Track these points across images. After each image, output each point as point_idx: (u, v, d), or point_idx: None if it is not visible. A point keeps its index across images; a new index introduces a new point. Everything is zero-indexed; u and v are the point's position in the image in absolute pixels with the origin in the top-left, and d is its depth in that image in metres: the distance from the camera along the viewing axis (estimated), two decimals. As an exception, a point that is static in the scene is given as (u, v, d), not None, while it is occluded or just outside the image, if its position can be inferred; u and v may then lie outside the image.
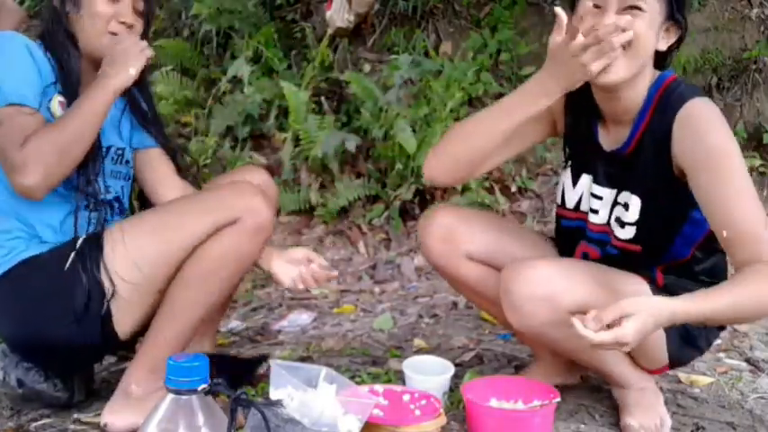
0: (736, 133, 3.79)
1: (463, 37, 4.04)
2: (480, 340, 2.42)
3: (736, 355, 2.27)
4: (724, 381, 2.04)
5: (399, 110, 3.49)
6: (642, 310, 1.43)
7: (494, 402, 1.73)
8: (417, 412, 1.68)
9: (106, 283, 1.66)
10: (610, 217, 1.74)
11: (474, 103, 3.80)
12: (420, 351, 2.32)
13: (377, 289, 3.01)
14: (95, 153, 1.73)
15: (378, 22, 4.13)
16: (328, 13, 3.89)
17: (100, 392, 1.89)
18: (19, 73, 1.67)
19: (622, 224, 1.70)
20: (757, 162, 3.74)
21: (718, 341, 2.13)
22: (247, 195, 1.72)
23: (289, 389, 1.57)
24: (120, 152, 1.85)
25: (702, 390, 1.99)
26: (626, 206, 1.69)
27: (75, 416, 1.80)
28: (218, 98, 3.90)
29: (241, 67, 3.81)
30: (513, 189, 3.59)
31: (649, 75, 1.66)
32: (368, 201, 3.50)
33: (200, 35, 4.19)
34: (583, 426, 1.78)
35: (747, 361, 2.20)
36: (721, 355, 2.25)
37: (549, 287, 1.62)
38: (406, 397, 1.74)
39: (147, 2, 1.82)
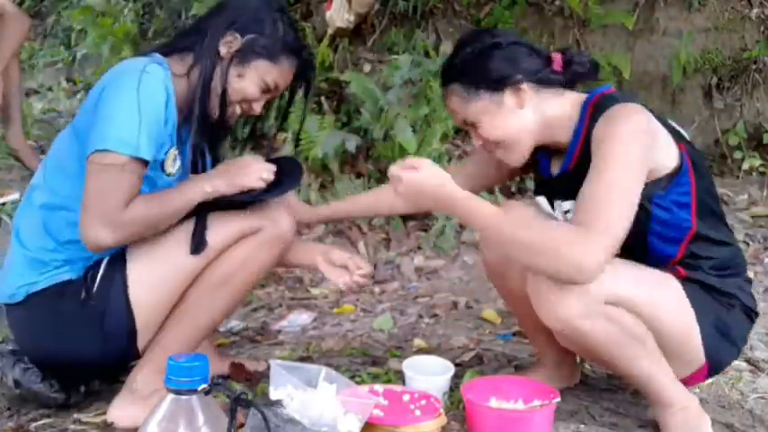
0: (735, 133, 3.81)
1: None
2: (480, 340, 2.42)
3: (736, 355, 2.27)
4: (724, 381, 2.04)
5: (399, 110, 3.49)
6: (432, 170, 1.59)
7: (494, 402, 1.73)
8: (417, 412, 1.68)
9: (133, 304, 1.68)
10: None
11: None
12: (420, 351, 2.32)
13: (377, 289, 3.01)
14: None
15: (378, 22, 4.12)
16: (328, 13, 3.89)
17: (100, 392, 1.89)
18: (152, 125, 1.64)
19: None
20: (757, 162, 3.75)
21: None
22: (270, 206, 1.78)
23: (289, 388, 1.57)
24: None
25: (702, 390, 1.99)
26: (567, 212, 1.72)
27: (76, 416, 1.79)
28: (218, 98, 3.89)
29: (241, 67, 3.81)
30: (513, 189, 3.59)
31: (567, 103, 1.72)
32: (368, 201, 3.50)
33: (200, 35, 4.19)
34: (583, 426, 1.78)
35: (747, 361, 2.20)
36: (721, 355, 2.25)
37: None
38: (406, 397, 1.74)
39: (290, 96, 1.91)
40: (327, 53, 3.89)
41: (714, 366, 1.74)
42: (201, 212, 1.72)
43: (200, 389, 1.11)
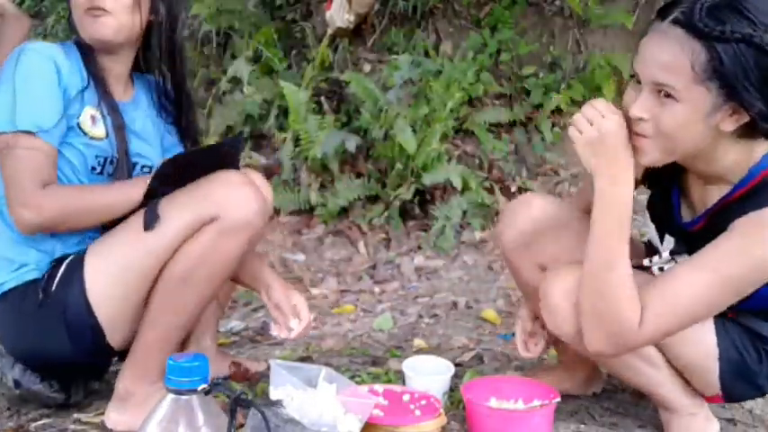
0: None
1: (463, 37, 4.04)
2: (480, 340, 2.42)
3: (736, 355, 2.26)
4: (724, 381, 2.04)
5: (399, 110, 3.49)
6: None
7: (494, 402, 1.72)
8: (417, 412, 1.68)
9: (92, 300, 1.64)
10: None
11: (474, 102, 3.80)
12: (420, 351, 2.32)
13: (377, 289, 3.01)
14: (124, 169, 1.73)
15: (378, 22, 4.13)
16: (328, 13, 3.89)
17: (100, 392, 1.88)
18: (38, 94, 1.63)
19: None
20: (757, 162, 3.74)
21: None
22: (230, 187, 1.62)
23: (288, 388, 1.57)
24: (147, 170, 1.82)
25: (702, 390, 1.99)
26: None
27: (76, 416, 1.79)
28: (218, 98, 3.90)
29: (241, 67, 3.81)
30: (513, 189, 3.59)
31: (743, 154, 1.45)
32: (368, 201, 3.50)
33: (200, 35, 4.20)
34: (583, 426, 1.78)
35: (747, 361, 2.20)
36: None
37: None
38: (406, 397, 1.74)
39: None
40: (327, 53, 3.89)
41: (730, 399, 1.68)
42: (154, 196, 1.65)
43: (200, 389, 1.11)
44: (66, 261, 1.68)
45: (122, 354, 1.74)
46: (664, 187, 1.63)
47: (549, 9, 4.05)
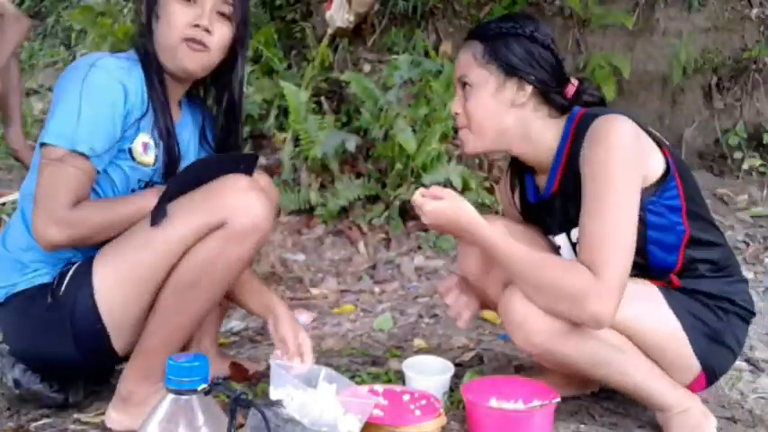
0: (735, 134, 3.81)
1: (463, 37, 4.04)
2: (480, 340, 2.42)
3: (737, 355, 2.27)
4: (724, 380, 2.03)
5: (399, 110, 3.49)
6: (456, 201, 1.63)
7: (494, 402, 1.72)
8: (417, 412, 1.68)
9: (99, 305, 1.64)
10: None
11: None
12: (420, 351, 2.32)
13: (377, 289, 3.01)
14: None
15: (378, 22, 4.13)
16: (328, 13, 3.89)
17: (100, 392, 1.89)
18: (100, 119, 1.62)
19: None
20: (757, 162, 3.75)
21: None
22: (238, 192, 1.62)
23: (288, 388, 1.57)
24: None
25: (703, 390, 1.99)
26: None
27: (76, 416, 1.79)
28: (219, 98, 3.90)
29: (241, 67, 3.81)
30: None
31: (554, 125, 1.72)
32: (368, 201, 3.50)
33: (200, 35, 4.19)
34: (583, 426, 1.78)
35: (747, 361, 2.20)
36: (721, 355, 2.25)
37: None
38: (406, 397, 1.74)
39: (236, 4, 1.72)
40: (327, 53, 3.89)
41: (712, 373, 1.72)
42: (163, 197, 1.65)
43: (200, 389, 1.11)
44: (75, 265, 1.68)
45: (125, 357, 1.74)
46: (519, 176, 1.87)
47: (549, 9, 4.05)
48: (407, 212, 3.45)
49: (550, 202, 1.76)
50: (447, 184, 3.41)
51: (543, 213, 1.80)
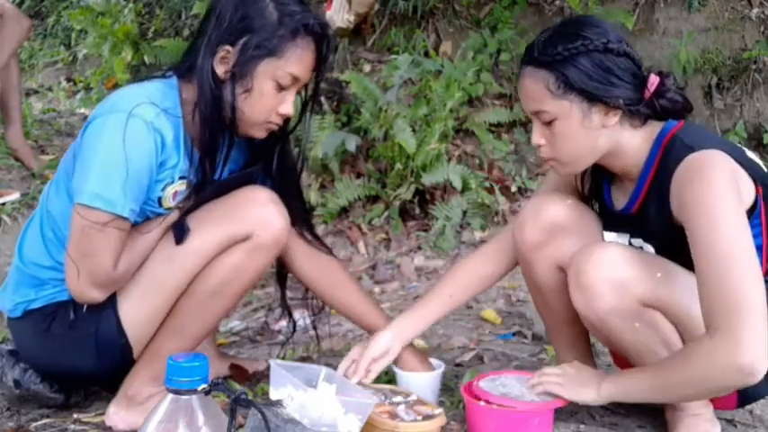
0: (735, 134, 3.81)
1: (463, 37, 4.04)
2: (480, 340, 2.42)
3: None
4: (724, 381, 2.04)
5: (399, 110, 3.49)
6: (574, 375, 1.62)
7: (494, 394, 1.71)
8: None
9: (123, 320, 1.64)
10: None
11: (474, 102, 3.80)
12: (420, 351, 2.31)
13: (377, 289, 3.01)
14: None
15: (378, 22, 4.13)
16: (328, 14, 3.89)
17: (100, 392, 1.89)
18: (138, 175, 1.55)
19: None
20: (757, 162, 3.74)
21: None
22: (260, 205, 1.65)
23: (289, 388, 1.57)
24: None
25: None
26: (641, 249, 1.66)
27: (76, 416, 1.79)
28: (218, 98, 3.90)
29: (241, 67, 3.81)
30: (513, 189, 3.59)
31: (641, 137, 1.60)
32: (368, 201, 3.50)
33: (200, 35, 4.20)
34: (583, 426, 1.78)
35: (747, 361, 2.20)
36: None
37: (621, 272, 1.55)
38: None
39: (316, 85, 1.71)
40: (327, 53, 3.89)
41: (744, 398, 1.68)
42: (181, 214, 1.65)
43: (200, 389, 1.11)
44: None
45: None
46: (597, 177, 1.75)
47: (549, 9, 4.05)
48: (407, 212, 3.45)
49: (627, 218, 1.67)
50: (447, 184, 3.42)
51: (615, 219, 1.71)
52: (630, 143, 1.60)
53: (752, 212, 1.54)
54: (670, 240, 1.58)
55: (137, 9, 5.07)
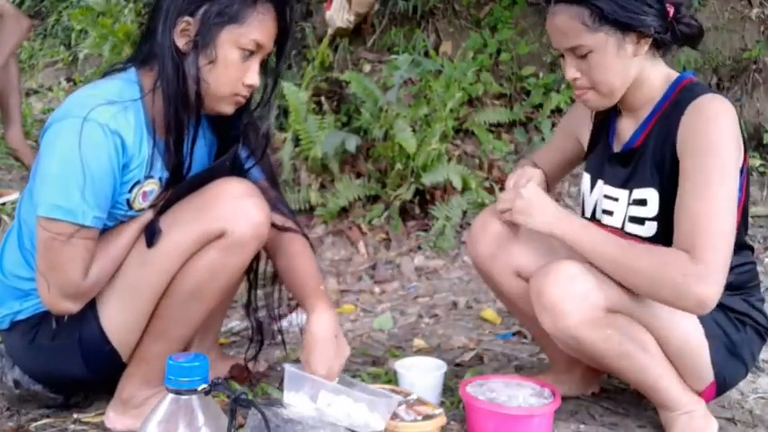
0: (736, 133, 3.81)
1: (463, 37, 4.04)
2: (480, 340, 2.42)
3: (737, 355, 2.26)
4: (724, 381, 2.04)
5: (399, 110, 3.49)
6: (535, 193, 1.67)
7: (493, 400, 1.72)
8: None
9: (105, 327, 1.63)
10: (624, 219, 1.71)
11: (474, 103, 3.80)
12: (420, 351, 2.32)
13: (377, 289, 3.01)
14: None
15: (378, 22, 4.13)
16: (328, 14, 3.89)
17: (100, 392, 1.88)
18: (102, 183, 1.51)
19: (642, 221, 1.68)
20: (757, 162, 3.74)
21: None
22: (234, 200, 1.59)
23: (325, 395, 1.57)
24: None
25: (702, 390, 1.99)
26: (643, 202, 1.68)
27: (76, 416, 1.79)
28: (218, 98, 3.90)
29: (241, 67, 3.81)
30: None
31: (662, 73, 1.71)
32: (368, 201, 3.50)
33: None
34: (583, 426, 1.78)
35: (747, 361, 2.20)
36: (721, 355, 2.25)
37: (581, 285, 1.58)
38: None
39: (278, 54, 1.66)
40: (327, 53, 3.89)
41: (722, 384, 1.72)
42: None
43: (200, 389, 1.11)
44: None
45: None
46: (606, 113, 1.80)
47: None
48: (407, 212, 3.45)
49: (629, 155, 1.73)
50: (447, 183, 3.41)
51: (615, 162, 1.76)
52: (653, 74, 1.69)
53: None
54: (672, 178, 1.62)
55: (137, 9, 5.07)
